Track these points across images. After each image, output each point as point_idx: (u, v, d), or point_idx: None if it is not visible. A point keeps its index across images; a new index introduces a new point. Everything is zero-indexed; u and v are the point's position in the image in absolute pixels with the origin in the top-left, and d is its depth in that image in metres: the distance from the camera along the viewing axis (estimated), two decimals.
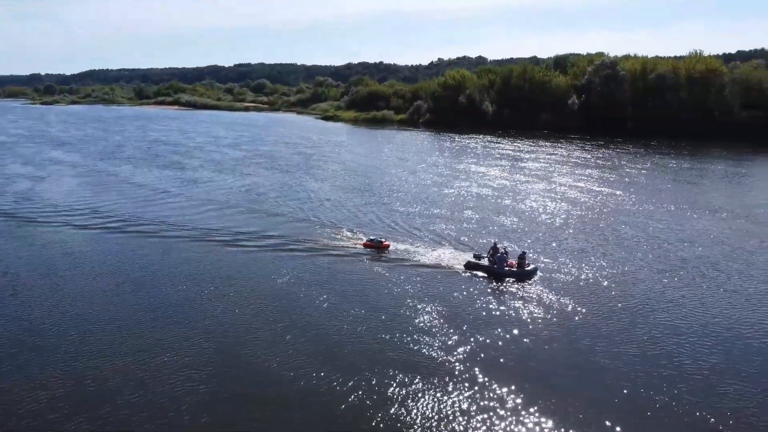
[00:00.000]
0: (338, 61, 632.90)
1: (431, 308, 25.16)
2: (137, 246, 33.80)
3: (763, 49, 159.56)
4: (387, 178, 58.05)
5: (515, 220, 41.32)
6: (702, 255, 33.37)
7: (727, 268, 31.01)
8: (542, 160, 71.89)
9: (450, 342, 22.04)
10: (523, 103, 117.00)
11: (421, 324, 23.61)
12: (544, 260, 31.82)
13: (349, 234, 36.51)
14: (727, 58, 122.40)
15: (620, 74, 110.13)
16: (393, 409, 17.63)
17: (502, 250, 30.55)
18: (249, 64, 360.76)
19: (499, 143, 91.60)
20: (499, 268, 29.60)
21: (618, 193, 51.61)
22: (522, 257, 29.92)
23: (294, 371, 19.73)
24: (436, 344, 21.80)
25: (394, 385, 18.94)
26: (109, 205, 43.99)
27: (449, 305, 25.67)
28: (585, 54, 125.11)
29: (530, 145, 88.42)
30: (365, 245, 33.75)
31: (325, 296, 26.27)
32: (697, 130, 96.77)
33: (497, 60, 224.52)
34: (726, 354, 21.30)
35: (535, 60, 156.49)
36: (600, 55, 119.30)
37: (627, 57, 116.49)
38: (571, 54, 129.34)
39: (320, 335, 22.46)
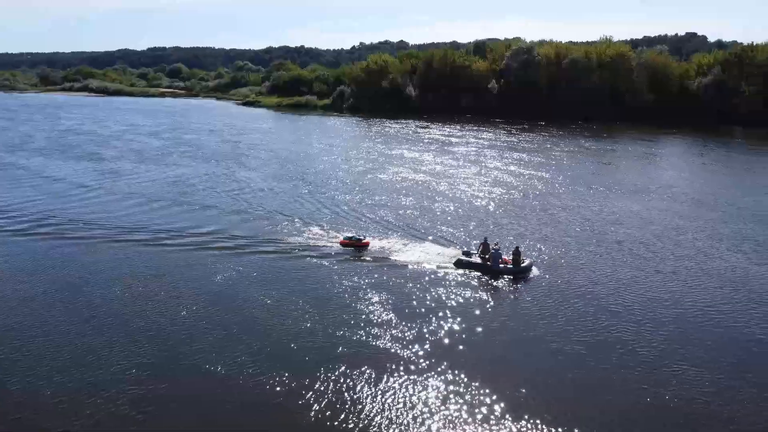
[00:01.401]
0: (258, 44, 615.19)
1: (423, 313, 23.23)
2: (53, 248, 30.84)
3: (666, 35, 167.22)
4: (322, 166, 56.37)
5: (457, 206, 40.79)
6: (635, 236, 33.88)
7: (662, 249, 31.54)
8: (472, 144, 72.10)
9: (457, 355, 20.55)
10: (445, 88, 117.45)
11: (417, 333, 22.06)
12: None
13: (319, 231, 34.03)
14: (634, 43, 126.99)
15: (536, 59, 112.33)
16: (360, 412, 16.49)
17: (496, 247, 28.37)
18: (163, 48, 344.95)
19: (426, 128, 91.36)
20: (494, 266, 27.68)
21: (546, 176, 52.19)
22: (517, 253, 27.98)
23: (250, 377, 18.21)
24: (442, 354, 20.61)
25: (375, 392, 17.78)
26: (20, 203, 40.29)
27: (443, 309, 23.59)
28: (503, 39, 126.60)
29: (458, 130, 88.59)
30: (342, 243, 31.19)
31: (279, 296, 24.66)
32: (608, 112, 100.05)
33: (419, 45, 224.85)
34: (671, 333, 21.38)
35: (455, 45, 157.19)
36: (517, 40, 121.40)
37: (543, 42, 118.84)
38: (489, 39, 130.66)
39: (279, 339, 20.94)
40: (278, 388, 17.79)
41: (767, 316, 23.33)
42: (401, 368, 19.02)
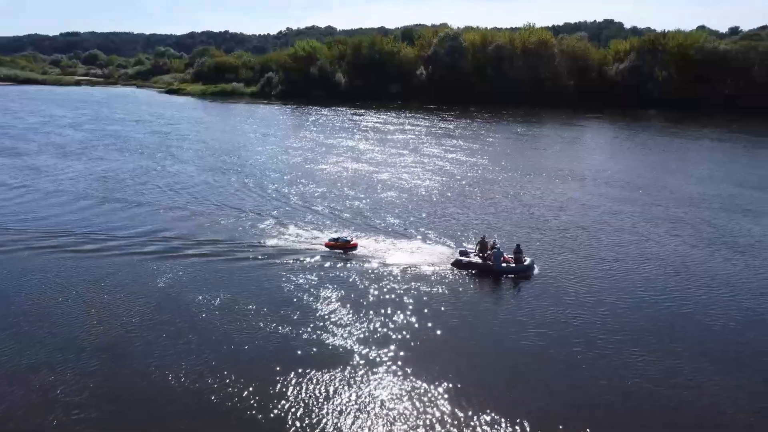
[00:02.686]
0: (180, 29, 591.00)
1: (425, 322, 21.92)
2: None
3: (586, 22, 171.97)
4: (260, 157, 54.27)
5: (405, 196, 39.96)
6: (578, 222, 34.18)
7: (607, 236, 31.93)
8: (408, 132, 71.64)
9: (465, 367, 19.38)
10: (374, 74, 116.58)
11: (425, 345, 20.86)
12: (434, 236, 30.79)
13: (278, 228, 32.00)
14: (555, 30, 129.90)
15: (463, 45, 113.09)
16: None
17: (496, 245, 27.01)
18: (77, 33, 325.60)
19: (361, 115, 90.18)
20: (496, 265, 26.15)
21: (485, 162, 52.31)
22: (518, 251, 26.62)
23: (211, 385, 16.83)
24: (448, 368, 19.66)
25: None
26: None
27: (445, 316, 22.04)
28: (430, 25, 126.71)
29: (393, 117, 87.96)
30: (327, 245, 29.03)
31: (239, 301, 23.08)
32: (532, 97, 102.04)
33: (346, 30, 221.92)
34: (630, 319, 21.47)
35: (383, 31, 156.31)
36: (444, 27, 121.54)
37: (469, 29, 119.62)
38: (417, 25, 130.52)
39: (234, 347, 19.52)
40: (247, 396, 16.55)
41: (713, 297, 23.82)
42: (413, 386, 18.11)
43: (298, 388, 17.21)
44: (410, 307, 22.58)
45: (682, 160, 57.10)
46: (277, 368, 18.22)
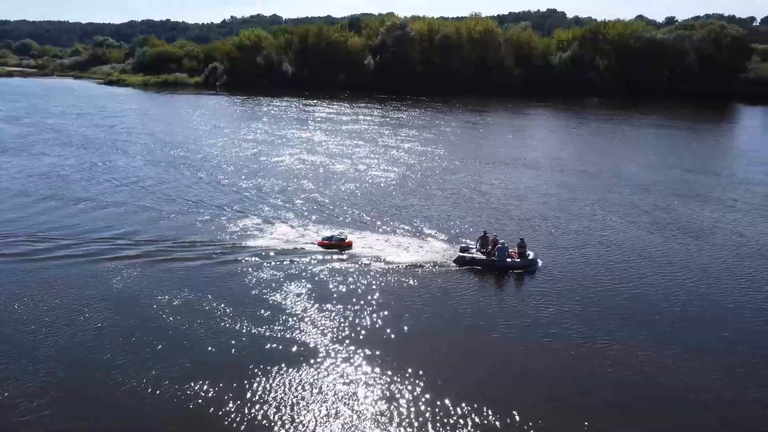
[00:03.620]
0: (118, 18, 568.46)
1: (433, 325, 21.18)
2: None
3: (530, 11, 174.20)
4: (212, 150, 52.43)
5: (368, 188, 39.30)
6: (539, 211, 34.34)
7: (565, 224, 32.17)
8: (363, 122, 70.84)
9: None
10: (322, 64, 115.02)
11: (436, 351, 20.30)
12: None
13: (246, 227, 30.43)
14: (500, 19, 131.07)
15: (410, 35, 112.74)
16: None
17: (501, 240, 26.23)
18: (7, 22, 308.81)
19: (313, 105, 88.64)
20: (501, 261, 25.41)
21: (441, 152, 52.11)
22: (522, 245, 25.91)
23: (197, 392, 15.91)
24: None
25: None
26: None
27: (451, 313, 21.34)
28: (377, 15, 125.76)
29: (346, 107, 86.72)
30: (321, 245, 27.77)
31: (206, 304, 21.97)
32: (479, 86, 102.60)
33: (292, 19, 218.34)
34: (596, 309, 21.63)
35: (330, 19, 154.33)
36: (391, 16, 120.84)
37: (416, 18, 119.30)
38: (363, 14, 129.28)
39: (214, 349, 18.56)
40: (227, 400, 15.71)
41: (679, 283, 24.25)
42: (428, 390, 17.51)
43: (299, 392, 16.49)
44: (415, 307, 21.84)
45: (628, 147, 58.49)
46: (277, 374, 17.43)
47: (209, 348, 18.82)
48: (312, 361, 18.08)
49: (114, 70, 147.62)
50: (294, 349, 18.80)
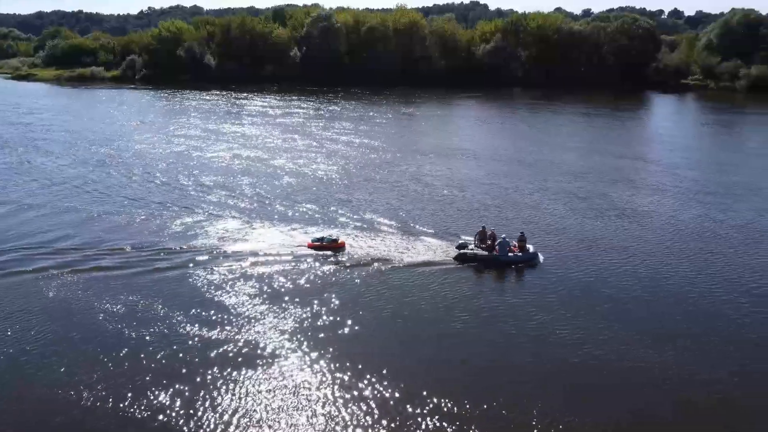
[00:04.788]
0: (25, 8, 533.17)
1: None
2: None
3: (453, 4, 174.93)
4: (140, 147, 49.56)
5: (305, 183, 38.15)
6: (484, 201, 34.24)
7: (513, 215, 32.19)
8: (295, 115, 68.93)
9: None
10: (246, 56, 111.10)
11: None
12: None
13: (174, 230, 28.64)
14: (425, 11, 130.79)
15: (336, 27, 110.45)
16: None
17: (502, 235, 25.68)
18: None
19: (242, 99, 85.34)
20: (502, 256, 24.83)
21: (381, 144, 51.29)
22: (522, 239, 25.55)
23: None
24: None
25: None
26: None
27: (460, 313, 20.77)
28: (302, 6, 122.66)
29: (276, 100, 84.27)
30: (311, 247, 26.31)
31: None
32: (406, 78, 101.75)
33: (214, 10, 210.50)
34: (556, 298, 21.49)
35: (253, 11, 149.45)
36: (316, 7, 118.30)
37: (341, 10, 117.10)
38: (288, 5, 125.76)
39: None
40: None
41: (627, 268, 24.74)
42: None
43: (304, 401, 15.78)
44: (423, 308, 21.16)
45: (557, 135, 59.53)
46: (282, 383, 16.50)
47: (180, 355, 17.68)
48: (316, 368, 17.43)
49: (23, 64, 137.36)
50: (297, 360, 18.01)
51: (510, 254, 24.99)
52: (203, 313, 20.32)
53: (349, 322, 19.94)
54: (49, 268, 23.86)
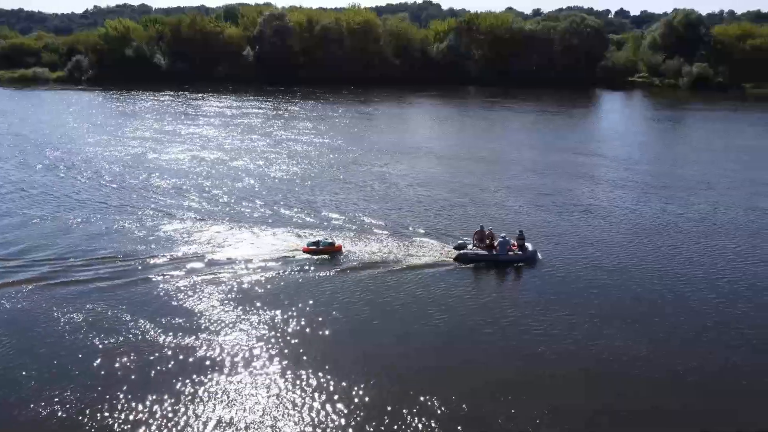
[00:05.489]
0: None
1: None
2: None
3: (407, 3, 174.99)
4: (93, 150, 47.54)
5: (264, 183, 37.48)
6: (448, 198, 34.29)
7: (481, 212, 32.33)
8: (254, 116, 67.68)
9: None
10: (198, 56, 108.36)
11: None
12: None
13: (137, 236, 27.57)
14: (379, 11, 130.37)
15: (289, 26, 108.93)
16: None
17: (501, 234, 25.51)
18: None
19: (198, 100, 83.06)
20: (502, 256, 24.64)
21: (340, 143, 50.90)
22: (521, 237, 25.40)
23: None
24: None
25: None
26: None
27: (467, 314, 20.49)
28: (254, 4, 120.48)
29: (233, 101, 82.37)
30: (307, 251, 25.44)
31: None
32: (361, 77, 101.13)
33: (163, 9, 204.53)
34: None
35: (203, 9, 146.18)
36: (268, 6, 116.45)
37: (294, 9, 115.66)
38: (240, 4, 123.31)
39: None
40: None
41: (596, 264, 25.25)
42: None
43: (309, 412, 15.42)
44: (428, 312, 20.70)
45: (514, 132, 60.66)
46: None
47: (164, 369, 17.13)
48: (321, 373, 17.17)
49: None
50: (301, 365, 17.71)
51: (510, 253, 24.95)
52: (194, 323, 19.82)
53: (354, 325, 19.69)
54: (2, 278, 22.62)
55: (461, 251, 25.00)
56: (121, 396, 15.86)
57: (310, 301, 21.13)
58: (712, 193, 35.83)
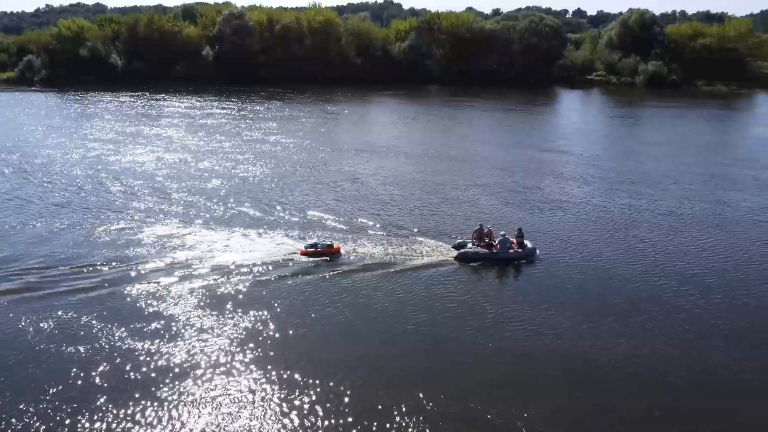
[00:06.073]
0: None
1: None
2: None
3: (368, 3, 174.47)
4: (51, 152, 45.82)
5: (229, 183, 36.72)
6: (420, 197, 34.31)
7: (454, 210, 32.47)
8: (217, 116, 66.36)
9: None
10: (155, 55, 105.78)
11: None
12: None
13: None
14: (340, 10, 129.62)
15: (249, 25, 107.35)
16: None
17: (501, 232, 25.43)
18: None
19: (159, 101, 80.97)
20: (503, 254, 24.56)
21: (307, 142, 50.38)
22: (520, 235, 25.37)
23: None
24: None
25: None
26: None
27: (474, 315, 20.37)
28: (212, 3, 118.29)
29: (195, 101, 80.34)
30: (304, 254, 24.92)
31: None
32: (322, 76, 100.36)
33: (119, 8, 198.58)
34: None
35: (161, 9, 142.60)
36: (227, 5, 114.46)
37: (253, 8, 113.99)
38: (197, 3, 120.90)
39: None
40: None
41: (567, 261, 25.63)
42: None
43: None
44: (433, 312, 20.57)
45: (480, 131, 61.28)
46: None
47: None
48: (327, 377, 16.89)
49: None
50: (304, 369, 17.41)
51: (510, 251, 24.94)
52: (182, 330, 19.38)
53: (362, 328, 19.45)
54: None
55: (461, 250, 24.94)
56: (102, 406, 15.37)
57: (311, 304, 20.86)
58: (675, 188, 36.69)
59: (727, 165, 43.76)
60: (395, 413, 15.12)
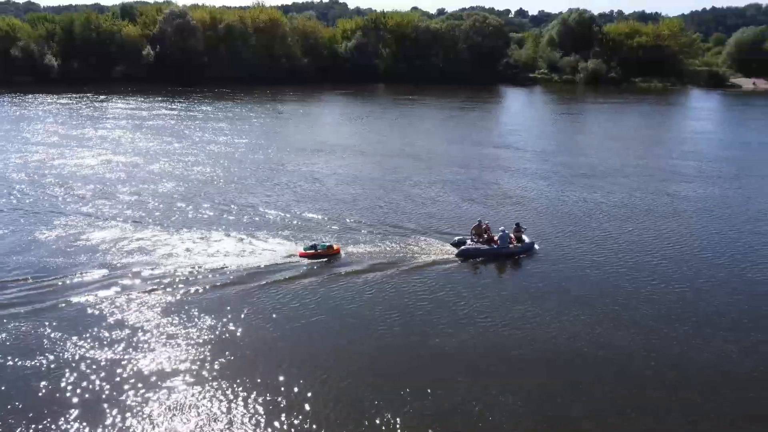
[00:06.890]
0: None
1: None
2: None
3: (313, 2, 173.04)
4: None
5: (186, 185, 35.65)
6: (381, 196, 34.31)
7: (419, 209, 32.55)
8: (164, 117, 64.28)
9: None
10: (93, 56, 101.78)
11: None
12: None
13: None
14: (285, 9, 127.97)
15: (192, 24, 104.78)
16: None
17: (500, 227, 25.50)
18: None
19: (101, 102, 77.63)
20: (504, 249, 24.68)
21: (261, 142, 49.54)
22: (518, 229, 25.62)
23: None
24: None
25: None
26: None
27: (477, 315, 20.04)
28: (152, 2, 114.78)
29: (138, 102, 77.47)
30: (303, 255, 24.28)
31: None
32: (268, 75, 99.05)
33: (53, 7, 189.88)
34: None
35: (98, 8, 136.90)
36: (168, 4, 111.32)
37: (196, 7, 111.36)
38: (138, 2, 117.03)
39: None
40: None
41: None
42: None
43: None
44: (437, 308, 20.46)
45: (432, 128, 61.81)
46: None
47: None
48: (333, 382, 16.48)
49: None
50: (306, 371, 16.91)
51: (510, 246, 25.10)
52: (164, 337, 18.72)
53: (370, 330, 19.09)
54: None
55: (462, 247, 24.95)
56: (77, 417, 14.71)
57: (312, 304, 20.48)
58: (625, 180, 37.96)
59: (674, 158, 45.53)
60: (399, 413, 15.00)
